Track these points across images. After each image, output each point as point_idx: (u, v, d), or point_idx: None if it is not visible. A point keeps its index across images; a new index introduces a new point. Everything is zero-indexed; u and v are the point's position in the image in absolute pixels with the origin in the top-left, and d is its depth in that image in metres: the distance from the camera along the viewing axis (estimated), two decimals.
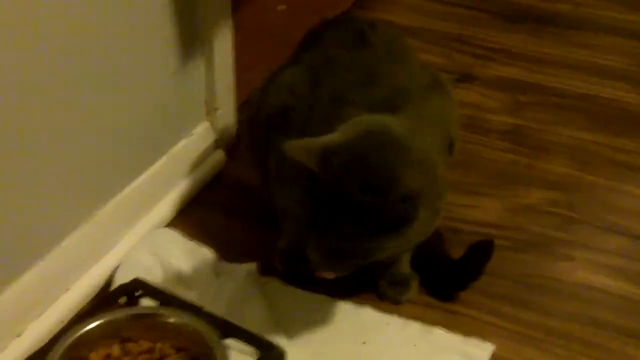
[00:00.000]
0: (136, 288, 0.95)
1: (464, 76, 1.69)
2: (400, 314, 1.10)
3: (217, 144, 1.41)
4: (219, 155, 1.41)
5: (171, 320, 0.89)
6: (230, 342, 0.88)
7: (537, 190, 1.37)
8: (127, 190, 1.19)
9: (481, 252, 1.12)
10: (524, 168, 1.43)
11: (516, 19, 1.88)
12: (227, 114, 1.42)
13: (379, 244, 0.87)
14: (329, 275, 0.90)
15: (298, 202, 0.88)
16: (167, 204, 1.28)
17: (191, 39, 1.26)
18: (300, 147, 0.86)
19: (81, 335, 0.87)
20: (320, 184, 0.84)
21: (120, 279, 1.06)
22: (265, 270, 1.15)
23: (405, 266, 1.14)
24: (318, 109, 1.01)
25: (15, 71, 0.92)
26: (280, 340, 0.90)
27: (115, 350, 0.88)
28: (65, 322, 1.06)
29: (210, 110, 1.38)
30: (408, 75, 1.05)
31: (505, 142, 1.49)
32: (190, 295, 1.08)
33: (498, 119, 1.56)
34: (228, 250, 1.18)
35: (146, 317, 0.90)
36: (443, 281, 1.14)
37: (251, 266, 1.14)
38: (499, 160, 1.45)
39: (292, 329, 1.06)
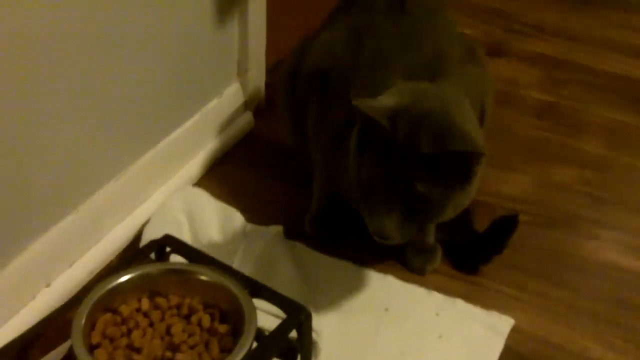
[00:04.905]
0: (167, 244, 0.96)
1: (499, 50, 1.66)
2: (424, 284, 1.11)
3: (247, 105, 1.41)
4: (248, 117, 1.41)
5: (201, 277, 0.90)
6: (257, 302, 0.88)
7: (569, 168, 1.35)
8: (159, 147, 1.19)
9: (506, 226, 1.12)
10: (556, 145, 1.41)
11: None
12: (257, 76, 1.42)
13: (445, 201, 0.88)
14: (391, 241, 0.91)
15: (366, 166, 0.89)
16: (196, 163, 1.29)
17: None
18: (371, 106, 0.87)
19: (113, 287, 0.87)
20: (393, 142, 0.86)
21: (150, 235, 1.07)
22: (292, 233, 1.15)
23: (431, 237, 1.14)
24: (360, 71, 1.01)
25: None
26: (305, 303, 0.90)
27: (145, 304, 0.89)
28: (95, 273, 1.08)
29: (242, 72, 1.37)
30: (446, 43, 1.05)
31: (538, 118, 1.48)
32: (218, 254, 1.08)
33: (532, 95, 1.54)
34: (254, 210, 1.19)
35: (177, 272, 0.90)
36: (467, 254, 1.15)
37: (278, 228, 1.15)
38: (532, 136, 1.43)
39: (317, 293, 1.07)
